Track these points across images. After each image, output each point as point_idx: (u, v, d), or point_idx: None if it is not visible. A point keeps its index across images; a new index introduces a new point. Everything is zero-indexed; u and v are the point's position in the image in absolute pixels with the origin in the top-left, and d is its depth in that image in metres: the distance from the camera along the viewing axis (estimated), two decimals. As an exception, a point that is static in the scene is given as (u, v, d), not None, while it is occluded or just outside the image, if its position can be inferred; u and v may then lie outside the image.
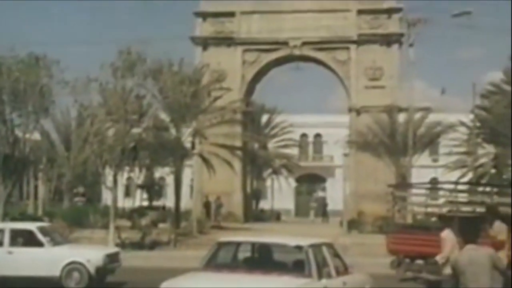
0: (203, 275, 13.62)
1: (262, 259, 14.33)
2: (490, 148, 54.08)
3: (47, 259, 21.91)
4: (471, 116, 51.38)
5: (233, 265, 14.15)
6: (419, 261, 23.68)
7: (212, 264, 13.95)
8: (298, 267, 13.53)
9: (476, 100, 49.90)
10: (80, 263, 21.93)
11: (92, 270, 21.99)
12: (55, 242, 22.86)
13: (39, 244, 22.20)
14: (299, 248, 13.71)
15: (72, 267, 21.92)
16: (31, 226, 23.66)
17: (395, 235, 26.16)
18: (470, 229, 9.97)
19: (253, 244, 14.86)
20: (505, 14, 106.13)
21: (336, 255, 15.03)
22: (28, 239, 22.56)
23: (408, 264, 24.39)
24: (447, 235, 16.63)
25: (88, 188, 43.42)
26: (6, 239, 22.24)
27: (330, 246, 15.08)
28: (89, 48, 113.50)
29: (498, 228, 18.09)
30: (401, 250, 25.07)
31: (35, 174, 44.97)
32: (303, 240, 14.49)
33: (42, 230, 23.17)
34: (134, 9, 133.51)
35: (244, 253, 14.80)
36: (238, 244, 14.94)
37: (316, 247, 14.12)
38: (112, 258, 23.03)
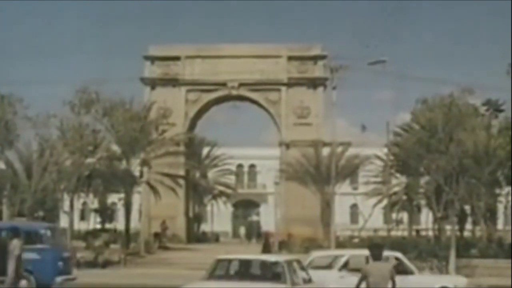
0: (208, 283, 15.55)
1: (249, 272, 16.36)
2: (402, 178, 55.22)
3: (418, 286, 20.24)
4: (385, 150, 52.54)
5: (228, 276, 16.00)
6: None
7: (212, 275, 15.83)
8: (276, 277, 15.47)
9: (389, 137, 51.07)
10: None
11: None
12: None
13: (409, 271, 20.70)
14: (277, 262, 15.86)
15: None
16: (397, 254, 21.91)
17: None
18: (377, 251, 12.27)
19: (241, 260, 16.82)
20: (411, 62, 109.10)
21: (302, 268, 16.71)
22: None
23: None
24: None
25: (47, 212, 43.32)
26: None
27: (298, 261, 16.85)
28: (49, 87, 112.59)
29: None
30: None
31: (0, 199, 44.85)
32: (279, 257, 17.05)
33: (404, 258, 21.79)
34: (90, 52, 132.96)
35: (234, 267, 16.55)
36: (230, 261, 16.66)
37: (289, 262, 16.01)
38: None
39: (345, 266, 20.64)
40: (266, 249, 34.62)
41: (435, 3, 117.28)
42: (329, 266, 20.70)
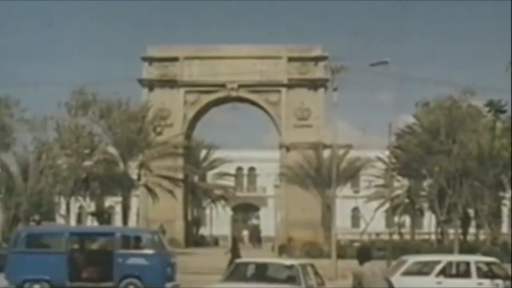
0: (227, 284, 16.52)
1: (265, 274, 17.37)
2: (404, 181, 54.99)
3: None
4: (387, 153, 52.25)
5: (246, 278, 17.02)
6: None
7: (231, 277, 16.91)
8: (291, 279, 16.56)
9: (391, 139, 50.83)
10: None
11: None
12: None
13: (504, 276, 20.42)
14: (292, 266, 16.93)
15: None
16: (493, 259, 22.07)
17: None
18: (364, 253, 12.64)
19: (258, 264, 18.06)
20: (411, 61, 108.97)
21: (316, 272, 17.65)
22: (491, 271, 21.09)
23: None
24: None
25: (43, 216, 43.14)
26: (473, 271, 20.44)
27: (312, 265, 17.91)
28: (46, 88, 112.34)
29: None
30: None
31: (-5, 203, 44.72)
32: (294, 260, 18.50)
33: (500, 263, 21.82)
34: (87, 53, 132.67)
35: (251, 270, 17.66)
36: (248, 264, 18.00)
37: (303, 265, 17.18)
38: None
39: (442, 272, 20.69)
40: (234, 254, 33.94)
41: (435, 3, 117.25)
42: (425, 272, 20.65)
